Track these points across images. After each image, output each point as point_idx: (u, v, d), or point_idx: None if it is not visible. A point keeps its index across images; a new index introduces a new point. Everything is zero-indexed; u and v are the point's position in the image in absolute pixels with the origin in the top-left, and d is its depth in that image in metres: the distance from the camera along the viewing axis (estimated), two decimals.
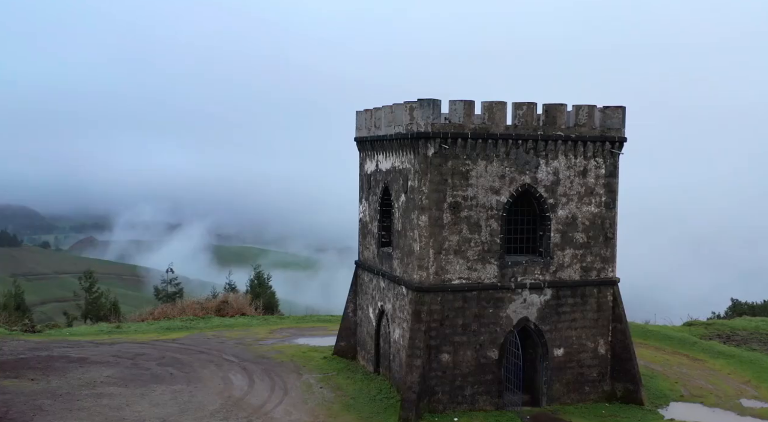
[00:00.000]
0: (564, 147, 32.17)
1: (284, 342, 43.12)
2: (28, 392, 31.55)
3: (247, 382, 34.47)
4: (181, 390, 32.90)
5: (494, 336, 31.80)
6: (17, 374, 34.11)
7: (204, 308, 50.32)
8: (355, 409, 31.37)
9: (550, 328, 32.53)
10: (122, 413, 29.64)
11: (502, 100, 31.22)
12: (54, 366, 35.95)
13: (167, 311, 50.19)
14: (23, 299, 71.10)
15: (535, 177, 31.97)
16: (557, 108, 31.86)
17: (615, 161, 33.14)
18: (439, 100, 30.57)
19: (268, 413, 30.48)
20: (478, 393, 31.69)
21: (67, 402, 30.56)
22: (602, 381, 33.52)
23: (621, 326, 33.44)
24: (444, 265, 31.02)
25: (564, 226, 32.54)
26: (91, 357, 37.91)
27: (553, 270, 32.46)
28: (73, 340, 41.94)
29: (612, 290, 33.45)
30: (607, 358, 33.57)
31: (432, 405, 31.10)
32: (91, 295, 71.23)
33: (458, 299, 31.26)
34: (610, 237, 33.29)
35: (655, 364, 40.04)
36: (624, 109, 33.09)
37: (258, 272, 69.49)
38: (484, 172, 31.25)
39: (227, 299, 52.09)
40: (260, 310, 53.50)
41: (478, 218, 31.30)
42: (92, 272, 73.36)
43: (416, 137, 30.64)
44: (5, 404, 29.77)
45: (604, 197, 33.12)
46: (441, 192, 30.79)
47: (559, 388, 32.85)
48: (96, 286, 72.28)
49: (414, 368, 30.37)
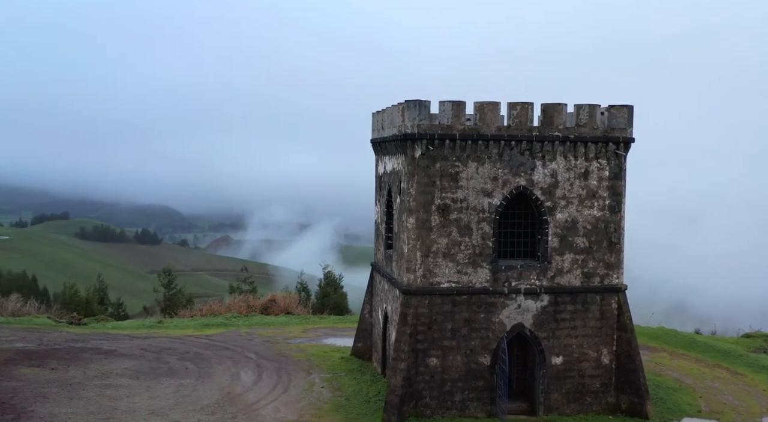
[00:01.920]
0: (563, 148, 31.06)
1: (312, 341, 43.68)
2: (41, 380, 33.48)
3: (253, 379, 35.19)
4: (186, 385, 33.99)
5: (486, 342, 31.08)
6: (41, 363, 36.24)
7: (250, 306, 51.59)
8: (345, 410, 31.43)
9: (547, 335, 31.47)
10: (118, 403, 30.94)
11: (495, 101, 30.50)
12: (80, 356, 37.95)
13: (215, 308, 51.79)
14: (106, 293, 75.40)
15: (531, 179, 31.02)
16: (555, 108, 30.81)
17: (620, 162, 31.68)
18: (427, 102, 30.21)
19: (258, 410, 31.02)
20: (468, 399, 31.08)
21: (72, 391, 32.22)
22: (606, 392, 32.10)
23: (626, 335, 31.91)
24: (432, 268, 30.61)
25: (563, 230, 31.41)
26: (120, 350, 39.76)
27: (551, 275, 31.39)
28: (111, 333, 44.07)
29: (617, 298, 31.97)
30: (612, 368, 32.12)
31: (419, 409, 30.76)
32: (169, 291, 74.55)
33: (447, 303, 30.76)
34: (615, 242, 31.84)
35: (688, 377, 37.95)
36: (631, 108, 31.59)
37: (327, 272, 70.40)
38: (475, 174, 30.62)
39: (275, 298, 53.18)
40: (309, 309, 54.34)
41: (469, 221, 30.70)
42: (170, 269, 76.50)
43: (404, 139, 30.42)
44: (14, 390, 31.73)
45: (608, 200, 31.73)
46: (429, 194, 30.41)
47: (558, 398, 31.72)
48: (174, 283, 75.58)
49: (398, 371, 30.13)
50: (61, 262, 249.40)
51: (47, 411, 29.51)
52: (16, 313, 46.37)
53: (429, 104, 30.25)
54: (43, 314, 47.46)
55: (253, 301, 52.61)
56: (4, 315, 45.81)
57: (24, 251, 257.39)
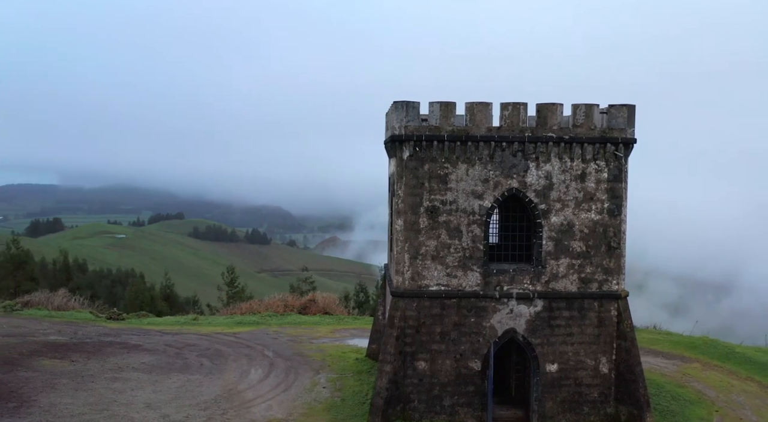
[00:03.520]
0: (557, 149, 30.17)
1: (336, 342, 43.95)
2: (56, 371, 35.09)
3: (260, 377, 35.75)
4: (193, 380, 34.89)
5: (476, 347, 30.53)
6: (64, 355, 37.97)
7: (287, 305, 52.35)
8: (337, 410, 31.53)
9: (541, 342, 30.62)
10: (120, 396, 32.07)
11: (486, 101, 29.94)
12: (105, 350, 39.53)
13: (254, 307, 52.83)
14: (173, 291, 78.20)
15: (524, 181, 30.28)
16: (549, 108, 29.97)
17: (620, 164, 30.49)
18: (416, 103, 29.96)
19: (251, 407, 31.53)
20: (458, 404, 30.61)
21: (81, 382, 33.63)
22: (605, 402, 30.95)
23: (626, 344, 30.65)
24: (421, 270, 30.33)
25: (558, 233, 30.50)
26: (145, 345, 41.18)
27: (545, 280, 30.53)
28: (144, 329, 45.68)
29: (616, 305, 30.77)
30: (611, 378, 30.93)
31: (407, 413, 30.54)
32: (232, 289, 76.64)
33: (436, 306, 30.40)
34: (615, 247, 30.65)
35: (713, 389, 36.12)
36: (632, 108, 30.37)
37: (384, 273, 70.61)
38: (465, 175, 30.14)
39: (314, 298, 53.78)
40: (350, 310, 54.69)
41: (459, 224, 30.24)
42: (234, 267, 78.59)
43: (392, 140, 30.30)
44: (26, 381, 33.40)
45: (606, 203, 30.59)
46: (417, 196, 30.15)
47: (553, 406, 30.81)
48: (237, 281, 77.65)
49: (384, 373, 30.00)
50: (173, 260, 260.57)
51: (49, 401, 30.94)
52: (62, 307, 48.75)
53: (418, 105, 29.99)
54: (87, 309, 49.63)
55: (292, 300, 53.34)
56: (50, 309, 48.26)
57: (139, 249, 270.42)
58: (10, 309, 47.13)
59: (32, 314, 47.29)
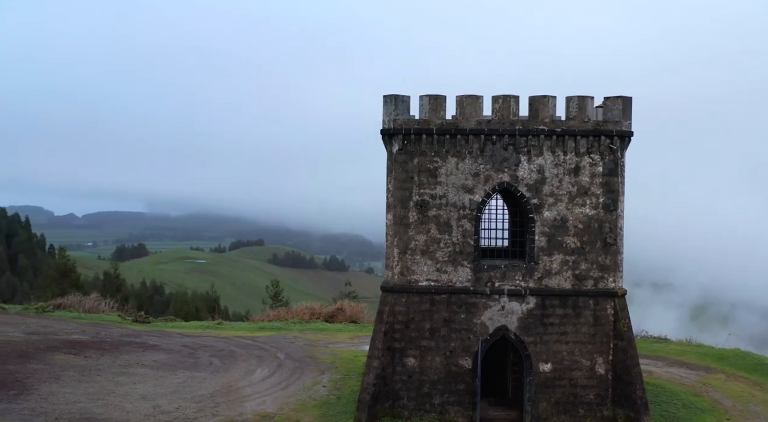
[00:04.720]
0: (549, 142, 29.57)
1: (350, 346, 43.79)
2: (66, 365, 35.98)
3: (264, 376, 35.87)
4: (197, 377, 35.25)
5: (467, 344, 29.94)
6: (79, 352, 38.91)
7: (314, 313, 52.49)
8: (328, 407, 31.32)
9: (534, 340, 29.82)
10: (119, 388, 32.64)
11: (476, 94, 29.66)
12: (121, 349, 40.36)
13: (281, 314, 53.17)
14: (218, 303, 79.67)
15: (516, 175, 29.75)
16: (541, 101, 29.47)
17: (616, 157, 29.65)
18: (406, 96, 29.91)
19: (244, 402, 31.64)
20: (448, 402, 30.01)
21: (86, 375, 34.40)
22: (601, 404, 29.85)
23: (623, 344, 29.55)
24: (410, 265, 30.03)
25: (551, 229, 29.78)
26: (162, 345, 41.87)
27: (538, 277, 29.80)
28: (167, 331, 46.49)
29: (613, 303, 29.76)
30: (608, 379, 29.83)
31: (396, 410, 30.11)
32: (276, 303, 77.59)
33: (425, 302, 30.01)
34: (611, 243, 29.73)
35: (730, 399, 34.44)
36: (628, 100, 29.57)
37: None
38: (455, 169, 29.82)
39: (342, 307, 53.80)
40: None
41: (449, 218, 29.88)
42: (278, 281, 79.50)
43: (382, 134, 30.26)
44: (33, 372, 34.35)
45: (602, 198, 29.75)
46: (406, 190, 29.96)
47: (547, 408, 29.87)
48: (281, 295, 78.62)
49: (371, 369, 29.70)
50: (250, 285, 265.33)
51: (49, 390, 31.74)
52: (92, 310, 50.10)
53: (408, 99, 29.92)
54: (116, 312, 50.89)
55: (319, 309, 53.46)
56: (80, 311, 49.65)
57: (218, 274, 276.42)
58: (42, 310, 48.75)
59: (62, 315, 48.77)
